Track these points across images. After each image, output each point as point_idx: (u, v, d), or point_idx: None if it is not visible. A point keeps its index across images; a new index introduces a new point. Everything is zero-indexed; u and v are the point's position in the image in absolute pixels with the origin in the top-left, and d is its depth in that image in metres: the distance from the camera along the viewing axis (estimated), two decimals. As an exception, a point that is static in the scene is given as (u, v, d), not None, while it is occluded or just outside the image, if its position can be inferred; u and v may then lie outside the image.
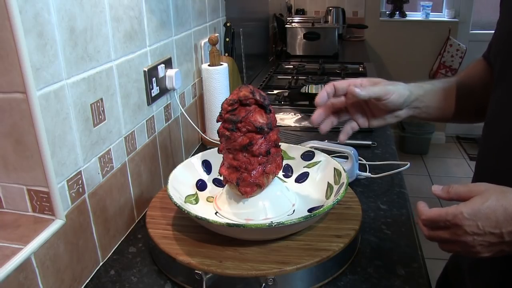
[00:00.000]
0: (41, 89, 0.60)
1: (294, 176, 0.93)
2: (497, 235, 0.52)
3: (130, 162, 0.86)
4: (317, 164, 0.91)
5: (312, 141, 1.07)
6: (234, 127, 0.75)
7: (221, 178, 0.80)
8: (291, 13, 3.38)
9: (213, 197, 0.86)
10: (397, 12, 3.64)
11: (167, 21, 1.02)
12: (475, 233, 0.53)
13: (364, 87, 0.71)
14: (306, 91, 1.64)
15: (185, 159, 0.95)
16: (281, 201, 0.81)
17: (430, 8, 3.60)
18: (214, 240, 0.74)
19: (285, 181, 0.89)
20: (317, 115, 0.75)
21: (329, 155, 0.91)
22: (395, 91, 0.71)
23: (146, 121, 0.93)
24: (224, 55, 1.45)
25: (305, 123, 1.44)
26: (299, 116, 1.51)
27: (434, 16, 3.61)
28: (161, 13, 0.98)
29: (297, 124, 1.44)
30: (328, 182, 0.85)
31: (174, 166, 0.88)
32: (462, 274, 0.78)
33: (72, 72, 0.67)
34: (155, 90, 0.96)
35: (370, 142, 1.24)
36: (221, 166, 0.80)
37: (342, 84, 0.72)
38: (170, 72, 1.01)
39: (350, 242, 0.74)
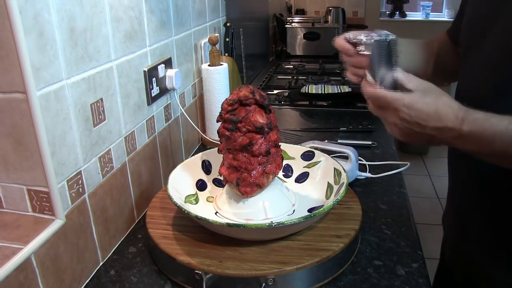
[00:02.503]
0: (41, 89, 0.60)
1: (294, 176, 0.93)
2: (422, 126, 0.59)
3: (130, 162, 0.86)
4: (317, 164, 0.91)
5: (312, 141, 1.07)
6: (234, 127, 0.75)
7: (221, 178, 0.81)
8: (291, 13, 3.38)
9: (213, 197, 0.86)
10: (397, 12, 3.64)
11: (167, 21, 1.02)
12: (405, 120, 0.60)
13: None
14: (306, 91, 1.64)
15: (185, 159, 0.95)
16: (281, 201, 0.81)
17: (430, 8, 3.60)
18: (214, 240, 0.74)
19: (285, 181, 0.89)
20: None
21: (329, 155, 0.91)
22: None
23: (146, 121, 0.93)
24: (224, 55, 1.45)
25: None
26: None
27: (434, 16, 3.62)
28: (161, 13, 0.98)
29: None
30: (328, 182, 0.85)
31: (174, 166, 0.88)
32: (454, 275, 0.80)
33: (72, 72, 0.67)
34: (155, 90, 0.96)
35: (370, 142, 1.24)
36: (221, 166, 0.80)
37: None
38: (170, 72, 1.01)
39: (350, 242, 0.74)
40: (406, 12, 3.65)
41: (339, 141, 1.23)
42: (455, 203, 0.84)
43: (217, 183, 0.90)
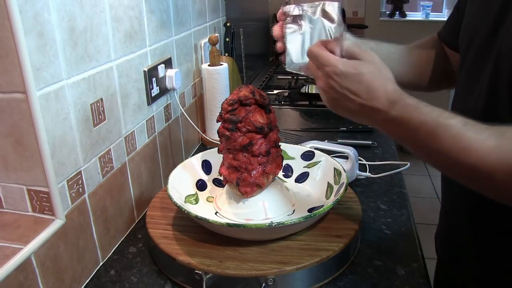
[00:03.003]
0: (41, 89, 0.60)
1: (294, 176, 0.93)
2: (350, 100, 0.57)
3: (130, 162, 0.86)
4: (317, 164, 0.91)
5: (312, 141, 1.07)
6: (234, 127, 0.75)
7: (221, 178, 0.81)
8: (291, 13, 3.37)
9: (213, 197, 0.86)
10: (397, 12, 3.64)
11: (167, 21, 1.02)
12: (334, 89, 0.57)
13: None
14: (306, 91, 1.64)
15: (185, 159, 0.95)
16: (281, 201, 0.81)
17: (430, 8, 3.60)
18: (214, 240, 0.74)
19: (285, 181, 0.89)
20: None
21: (329, 155, 0.91)
22: None
23: (146, 121, 0.93)
24: (224, 55, 1.45)
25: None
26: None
27: (434, 16, 3.61)
28: (161, 13, 0.98)
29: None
30: (328, 182, 0.85)
31: (174, 166, 0.88)
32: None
33: (72, 72, 0.67)
34: (155, 90, 0.96)
35: (370, 142, 1.24)
36: (221, 166, 0.80)
37: None
38: (170, 72, 1.01)
39: (350, 242, 0.74)
40: (406, 12, 3.64)
41: (339, 141, 1.23)
42: (445, 224, 0.83)
43: (217, 183, 0.90)
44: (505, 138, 0.49)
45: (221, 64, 1.21)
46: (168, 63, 1.01)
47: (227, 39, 1.46)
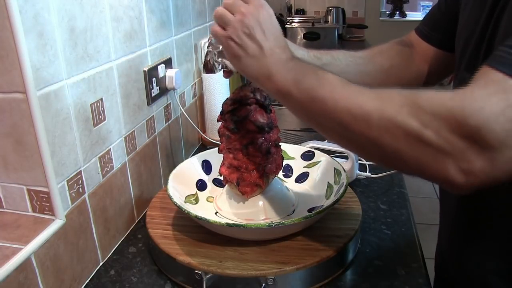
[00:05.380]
0: (41, 89, 0.60)
1: (294, 176, 0.93)
2: (257, 39, 0.58)
3: (130, 162, 0.86)
4: (317, 164, 0.91)
5: (312, 141, 1.07)
6: (235, 127, 0.75)
7: (221, 178, 0.81)
8: (291, 13, 3.38)
9: (213, 197, 0.86)
10: (397, 12, 3.64)
11: (167, 21, 1.02)
12: (248, 27, 0.58)
13: None
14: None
15: (185, 159, 0.95)
16: (281, 201, 0.81)
17: (430, 8, 3.60)
18: (214, 240, 0.74)
19: (285, 181, 0.89)
20: None
21: (329, 155, 0.91)
22: None
23: (146, 121, 0.93)
24: (224, 55, 1.45)
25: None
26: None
27: (434, 16, 3.61)
28: (161, 13, 0.98)
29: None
30: (328, 182, 0.85)
31: (174, 166, 0.88)
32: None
33: (72, 72, 0.67)
34: (155, 90, 0.96)
35: (370, 142, 1.24)
36: (221, 166, 0.80)
37: None
38: (170, 72, 1.01)
39: (350, 242, 0.74)
40: (406, 12, 3.64)
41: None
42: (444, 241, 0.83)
43: (217, 183, 0.90)
44: (381, 92, 0.51)
45: (221, 64, 1.21)
46: (168, 63, 1.01)
47: (227, 39, 1.46)
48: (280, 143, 0.80)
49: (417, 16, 3.67)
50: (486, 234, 0.69)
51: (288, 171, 0.93)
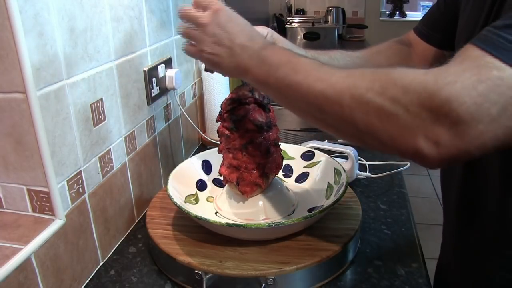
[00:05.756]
0: (41, 89, 0.60)
1: (294, 176, 0.93)
2: (227, 39, 0.60)
3: (130, 162, 0.86)
4: (317, 164, 0.91)
5: (312, 141, 1.07)
6: (234, 126, 0.75)
7: (221, 178, 0.81)
8: (291, 13, 3.38)
9: (213, 197, 0.86)
10: (397, 12, 3.64)
11: (167, 21, 1.02)
12: (219, 25, 0.60)
13: None
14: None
15: (185, 159, 0.95)
16: (281, 201, 0.81)
17: (430, 8, 3.60)
18: (214, 240, 0.74)
19: (285, 181, 0.89)
20: None
21: (329, 155, 0.91)
22: None
23: (146, 121, 0.93)
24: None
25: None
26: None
27: (434, 16, 3.61)
28: (161, 13, 0.98)
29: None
30: (328, 182, 0.85)
31: (174, 166, 0.88)
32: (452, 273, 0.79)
33: (72, 72, 0.67)
34: (155, 90, 0.96)
35: (370, 142, 1.24)
36: (221, 166, 0.80)
37: None
38: (170, 72, 1.01)
39: (350, 242, 0.74)
40: (406, 12, 3.65)
41: (339, 140, 1.23)
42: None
43: (217, 183, 0.90)
44: (354, 71, 0.52)
45: (221, 64, 1.21)
46: (168, 63, 1.01)
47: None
48: (279, 143, 0.80)
49: (417, 16, 3.67)
50: (486, 232, 0.69)
51: (288, 171, 0.93)
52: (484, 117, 0.42)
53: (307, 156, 0.93)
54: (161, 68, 0.98)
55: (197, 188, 0.88)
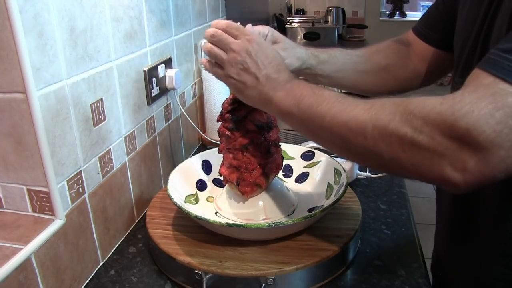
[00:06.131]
0: (41, 89, 0.60)
1: (294, 176, 0.93)
2: (257, 69, 0.61)
3: (130, 162, 0.86)
4: (317, 164, 0.91)
5: (312, 141, 1.07)
6: (234, 127, 0.75)
7: (221, 178, 0.80)
8: (291, 13, 3.38)
9: (213, 197, 0.86)
10: (397, 12, 3.64)
11: (167, 21, 1.02)
12: (250, 54, 0.61)
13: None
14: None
15: (185, 159, 0.95)
16: (281, 201, 0.81)
17: (430, 8, 3.60)
18: (214, 240, 0.74)
19: (285, 181, 0.89)
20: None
21: (329, 155, 0.91)
22: (286, 57, 0.75)
23: (146, 121, 0.93)
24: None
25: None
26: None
27: (434, 16, 3.61)
28: (161, 13, 0.98)
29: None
30: (328, 182, 0.85)
31: (174, 166, 0.88)
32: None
33: (72, 72, 0.67)
34: (155, 90, 0.96)
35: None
36: (221, 166, 0.80)
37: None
38: (170, 72, 1.01)
39: (350, 242, 0.74)
40: (406, 12, 3.65)
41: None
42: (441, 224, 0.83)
43: (217, 183, 0.90)
44: (375, 101, 0.52)
45: (221, 64, 1.21)
46: (168, 63, 1.01)
47: (227, 39, 1.46)
48: (280, 143, 0.80)
49: (417, 16, 3.67)
50: (479, 233, 0.69)
51: (288, 171, 0.93)
52: (504, 142, 0.43)
53: (307, 156, 0.93)
54: (161, 68, 0.98)
55: (197, 188, 0.88)
